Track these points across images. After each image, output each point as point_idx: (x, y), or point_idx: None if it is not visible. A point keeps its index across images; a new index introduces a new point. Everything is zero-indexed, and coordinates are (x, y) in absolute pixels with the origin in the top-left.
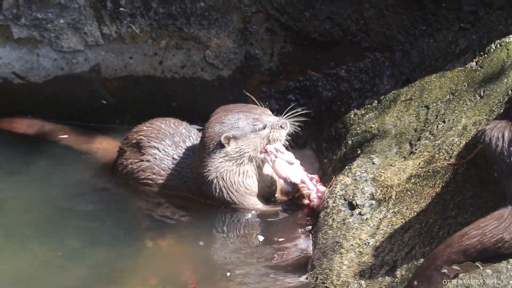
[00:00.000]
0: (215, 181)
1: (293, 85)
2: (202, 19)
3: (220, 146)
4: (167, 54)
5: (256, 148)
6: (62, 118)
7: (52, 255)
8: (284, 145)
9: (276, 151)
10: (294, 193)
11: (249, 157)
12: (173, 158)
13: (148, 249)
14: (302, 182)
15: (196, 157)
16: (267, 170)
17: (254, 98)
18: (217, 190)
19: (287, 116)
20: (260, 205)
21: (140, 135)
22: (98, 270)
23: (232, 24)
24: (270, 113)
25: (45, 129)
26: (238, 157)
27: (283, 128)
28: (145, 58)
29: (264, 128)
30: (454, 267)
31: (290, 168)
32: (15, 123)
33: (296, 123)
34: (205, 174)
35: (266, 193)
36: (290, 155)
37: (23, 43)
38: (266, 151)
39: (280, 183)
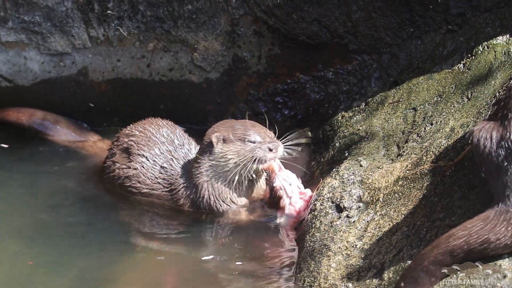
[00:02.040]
0: (205, 185)
1: (281, 87)
2: (189, 22)
3: (211, 146)
4: (155, 56)
5: (240, 158)
6: None
7: (28, 265)
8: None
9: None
10: (274, 195)
11: (235, 165)
12: (160, 167)
13: (132, 256)
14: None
15: (193, 158)
16: (262, 184)
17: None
18: (205, 196)
19: (284, 140)
20: (244, 215)
21: (131, 141)
22: (81, 279)
23: (219, 26)
24: (272, 135)
25: (48, 120)
26: (223, 163)
27: (272, 150)
28: (133, 60)
29: (253, 143)
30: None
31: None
32: (21, 113)
33: (291, 150)
34: (197, 175)
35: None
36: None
37: (10, 46)
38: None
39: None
